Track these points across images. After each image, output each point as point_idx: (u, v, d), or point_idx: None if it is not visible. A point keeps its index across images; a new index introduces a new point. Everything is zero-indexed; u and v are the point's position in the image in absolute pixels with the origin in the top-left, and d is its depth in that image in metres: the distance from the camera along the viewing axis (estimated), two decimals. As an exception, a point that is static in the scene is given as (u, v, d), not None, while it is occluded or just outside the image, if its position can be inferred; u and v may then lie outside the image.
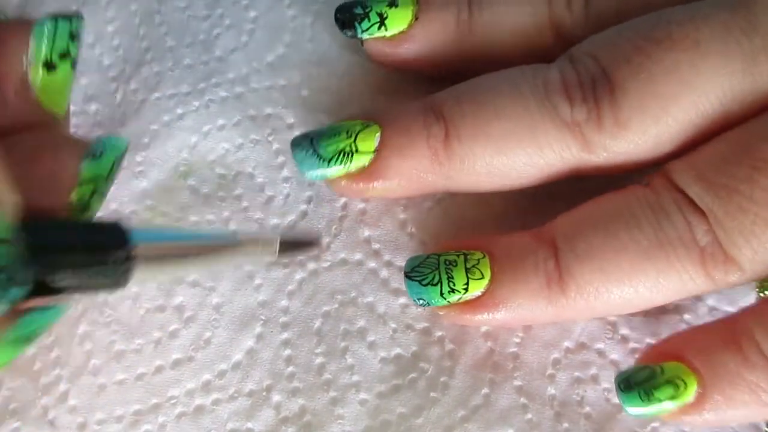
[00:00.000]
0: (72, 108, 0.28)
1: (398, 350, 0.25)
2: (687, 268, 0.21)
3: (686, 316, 0.25)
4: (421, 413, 0.24)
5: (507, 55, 0.25)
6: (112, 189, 0.27)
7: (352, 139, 0.24)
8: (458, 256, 0.23)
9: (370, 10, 0.25)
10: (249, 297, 0.26)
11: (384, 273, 0.26)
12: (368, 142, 0.24)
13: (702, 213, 0.21)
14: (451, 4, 0.25)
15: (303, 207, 0.27)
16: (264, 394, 0.25)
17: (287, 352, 0.25)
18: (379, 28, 0.25)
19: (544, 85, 0.23)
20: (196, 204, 0.27)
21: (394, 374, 0.25)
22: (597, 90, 0.22)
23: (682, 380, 0.21)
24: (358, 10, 0.25)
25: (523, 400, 0.24)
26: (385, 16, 0.25)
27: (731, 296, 0.25)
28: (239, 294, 0.26)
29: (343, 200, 0.27)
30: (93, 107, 0.29)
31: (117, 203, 0.27)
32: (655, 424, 0.24)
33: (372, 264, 0.26)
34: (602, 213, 0.23)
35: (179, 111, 0.28)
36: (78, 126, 0.28)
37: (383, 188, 0.24)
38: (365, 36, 0.25)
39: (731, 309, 0.25)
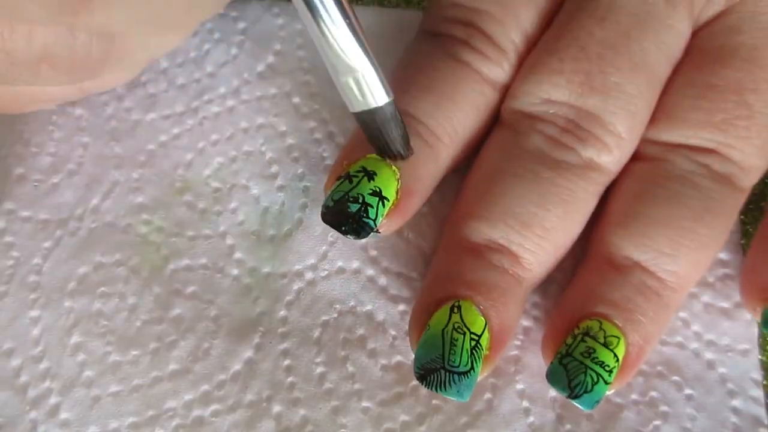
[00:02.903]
0: (52, 106, 0.28)
1: (399, 357, 0.25)
2: None
3: (681, 314, 0.25)
4: (424, 420, 0.24)
5: (479, 136, 0.26)
6: (108, 203, 0.27)
7: (467, 333, 0.22)
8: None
9: (362, 198, 0.22)
10: (247, 308, 0.25)
11: (382, 280, 0.26)
12: (477, 323, 0.22)
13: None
14: (414, 139, 0.24)
15: (298, 215, 0.27)
16: (264, 404, 0.24)
17: (287, 362, 0.25)
18: (383, 203, 0.23)
19: (545, 155, 0.24)
20: (193, 219, 0.27)
21: (396, 382, 0.24)
22: (583, 124, 0.24)
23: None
24: (353, 207, 0.22)
25: (525, 403, 0.24)
26: (377, 189, 0.23)
27: (726, 292, 0.26)
28: (237, 306, 0.25)
29: (338, 207, 0.27)
30: (78, 111, 0.28)
31: (112, 215, 0.26)
32: (657, 422, 0.24)
33: (370, 271, 0.26)
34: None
35: (175, 131, 0.28)
36: (58, 125, 0.28)
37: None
38: (380, 221, 0.23)
39: (727, 305, 0.26)
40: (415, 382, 0.24)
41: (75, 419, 0.23)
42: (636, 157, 0.25)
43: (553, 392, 0.24)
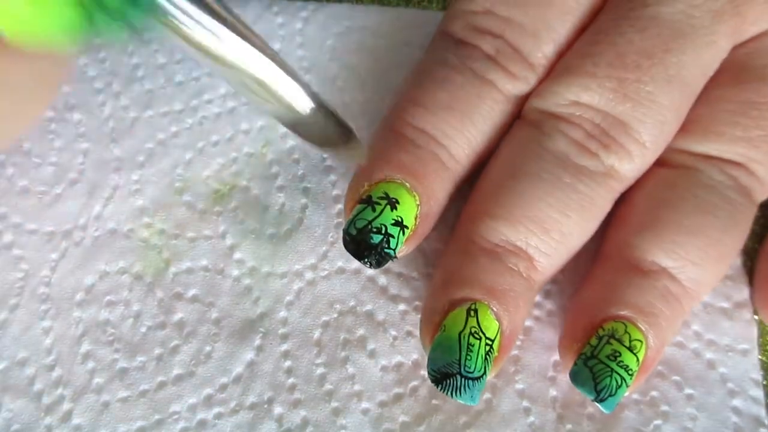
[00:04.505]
0: (50, 114, 0.28)
1: (399, 358, 0.25)
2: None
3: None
4: (424, 421, 0.24)
5: (494, 149, 0.25)
6: (110, 208, 0.27)
7: (482, 339, 0.22)
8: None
9: (385, 229, 0.23)
10: (248, 310, 0.26)
11: (382, 280, 0.26)
12: (492, 328, 0.22)
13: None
14: (426, 155, 0.24)
15: (298, 215, 0.27)
16: (266, 406, 0.25)
17: (287, 363, 0.25)
18: (404, 232, 0.23)
19: (568, 159, 0.23)
20: (193, 219, 0.27)
21: (396, 382, 0.25)
22: (610, 130, 0.23)
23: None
24: (376, 238, 0.22)
25: (525, 403, 0.24)
26: (399, 219, 0.23)
27: (726, 292, 0.25)
28: (238, 308, 0.26)
29: (338, 207, 0.27)
30: (76, 116, 0.29)
31: (114, 222, 0.27)
32: (658, 422, 0.24)
33: (370, 271, 0.26)
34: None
35: (173, 129, 0.28)
36: (58, 133, 0.28)
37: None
38: (399, 249, 0.23)
39: (726, 305, 0.25)
40: (414, 382, 0.25)
41: (87, 424, 0.24)
42: (662, 163, 0.24)
43: (553, 392, 0.24)
